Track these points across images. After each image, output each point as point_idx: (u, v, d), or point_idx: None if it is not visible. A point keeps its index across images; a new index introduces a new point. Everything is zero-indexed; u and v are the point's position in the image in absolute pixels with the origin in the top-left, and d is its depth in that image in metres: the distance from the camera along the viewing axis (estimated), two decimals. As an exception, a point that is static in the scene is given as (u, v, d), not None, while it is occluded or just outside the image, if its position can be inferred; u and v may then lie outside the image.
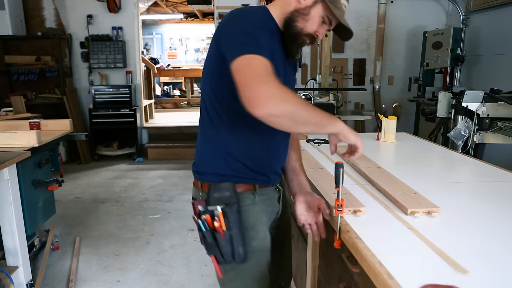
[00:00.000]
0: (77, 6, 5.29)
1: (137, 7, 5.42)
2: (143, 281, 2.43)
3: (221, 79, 1.07)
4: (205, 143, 1.18)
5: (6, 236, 2.06)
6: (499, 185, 1.45)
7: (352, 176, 1.54)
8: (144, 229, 3.18)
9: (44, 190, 2.36)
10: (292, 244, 2.10)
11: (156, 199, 3.90)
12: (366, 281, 0.94)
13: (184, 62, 10.93)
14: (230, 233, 1.11)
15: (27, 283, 2.15)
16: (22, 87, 5.32)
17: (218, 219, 1.09)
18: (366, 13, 5.35)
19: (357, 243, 0.96)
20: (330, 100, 3.81)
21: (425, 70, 4.63)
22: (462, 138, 2.70)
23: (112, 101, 5.30)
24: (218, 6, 5.28)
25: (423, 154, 1.95)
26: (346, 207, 1.16)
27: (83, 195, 4.00)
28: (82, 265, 2.61)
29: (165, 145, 5.58)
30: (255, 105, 0.88)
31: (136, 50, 5.49)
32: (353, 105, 5.59)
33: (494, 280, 0.80)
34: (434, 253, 0.90)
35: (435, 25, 5.14)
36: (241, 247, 1.12)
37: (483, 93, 2.68)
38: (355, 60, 5.50)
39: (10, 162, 1.91)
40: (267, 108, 0.87)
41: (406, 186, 1.34)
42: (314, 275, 1.52)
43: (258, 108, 0.88)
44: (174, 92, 9.91)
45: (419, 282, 0.78)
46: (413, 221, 1.09)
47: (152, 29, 10.92)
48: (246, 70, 0.91)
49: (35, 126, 2.58)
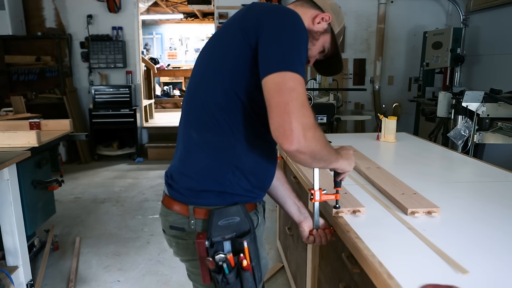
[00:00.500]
0: (77, 6, 5.29)
1: (137, 7, 5.42)
2: (143, 281, 2.43)
3: (246, 77, 0.92)
4: (208, 151, 0.97)
5: (6, 236, 2.06)
6: (499, 185, 1.45)
7: (352, 176, 1.54)
8: (144, 229, 3.18)
9: (44, 190, 2.37)
10: (292, 244, 2.10)
11: (156, 199, 3.90)
12: (366, 281, 0.94)
13: (184, 62, 10.92)
14: (252, 265, 0.96)
15: (27, 283, 2.15)
16: (22, 87, 5.32)
17: (244, 256, 0.93)
18: (366, 13, 5.35)
19: (357, 243, 0.96)
20: (330, 100, 3.81)
21: (425, 70, 4.63)
22: (462, 138, 2.70)
23: (112, 101, 5.29)
24: (218, 6, 5.28)
25: (423, 154, 1.95)
26: (346, 207, 1.16)
27: (83, 195, 4.00)
28: (82, 265, 2.61)
29: (165, 145, 5.58)
30: (287, 136, 0.80)
31: (136, 50, 5.49)
32: (353, 105, 5.59)
33: (494, 280, 0.80)
34: (434, 253, 0.90)
35: (435, 25, 5.14)
36: (260, 277, 1.00)
37: (483, 93, 2.68)
38: (355, 60, 5.50)
39: (10, 162, 1.90)
40: (298, 144, 0.81)
41: (406, 186, 1.34)
42: (314, 275, 1.52)
43: (289, 142, 0.80)
44: (174, 92, 9.91)
45: (419, 282, 0.78)
46: (413, 221, 1.09)
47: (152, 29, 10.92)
48: (291, 95, 0.81)
49: (35, 126, 2.58)
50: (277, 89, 0.82)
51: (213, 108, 0.95)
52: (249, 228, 0.97)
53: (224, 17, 5.29)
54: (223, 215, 0.95)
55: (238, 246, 0.95)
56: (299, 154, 0.84)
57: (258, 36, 0.89)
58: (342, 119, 3.84)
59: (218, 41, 1.01)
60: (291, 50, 0.86)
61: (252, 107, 0.95)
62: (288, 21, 0.90)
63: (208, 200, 0.97)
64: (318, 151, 0.87)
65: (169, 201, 1.03)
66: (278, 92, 0.82)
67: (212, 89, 0.96)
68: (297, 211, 1.19)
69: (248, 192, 1.01)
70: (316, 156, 0.88)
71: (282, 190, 1.20)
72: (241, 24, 0.94)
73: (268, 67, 0.85)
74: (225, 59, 0.95)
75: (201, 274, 0.97)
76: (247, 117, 0.95)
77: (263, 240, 1.11)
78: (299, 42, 0.88)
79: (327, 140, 0.92)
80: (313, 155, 0.87)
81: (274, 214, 3.20)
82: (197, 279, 1.04)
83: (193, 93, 1.02)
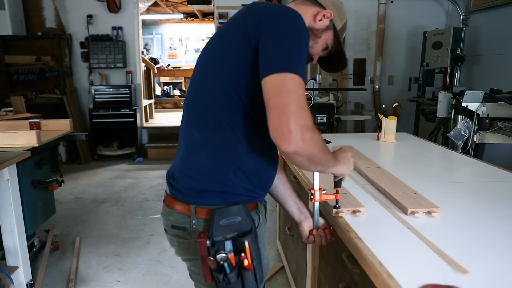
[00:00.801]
0: (77, 6, 5.29)
1: (137, 7, 5.42)
2: (143, 281, 2.43)
3: (247, 77, 0.92)
4: (209, 151, 0.97)
5: (6, 236, 2.06)
6: (499, 185, 1.45)
7: (352, 176, 1.54)
8: (144, 229, 3.18)
9: (44, 190, 2.37)
10: (292, 244, 2.10)
11: (156, 199, 3.90)
12: (366, 281, 0.94)
13: (184, 62, 10.92)
14: (254, 265, 0.96)
15: (27, 283, 2.15)
16: (22, 87, 5.32)
17: (245, 255, 0.93)
18: (366, 13, 5.35)
19: (357, 243, 0.96)
20: (330, 100, 3.81)
21: (425, 70, 4.63)
22: (462, 138, 2.70)
23: (112, 101, 5.29)
24: (218, 6, 5.28)
25: (423, 154, 1.95)
26: (346, 207, 1.16)
27: (83, 195, 4.00)
28: (82, 265, 2.61)
29: (165, 145, 5.58)
30: (285, 138, 0.80)
31: (136, 50, 5.49)
32: (353, 105, 5.59)
33: (494, 280, 0.80)
34: (434, 253, 0.90)
35: (435, 25, 5.14)
36: (261, 277, 1.00)
37: (483, 93, 2.68)
38: (355, 60, 5.50)
39: (10, 162, 1.90)
40: (296, 146, 0.81)
41: (406, 186, 1.34)
42: (314, 275, 1.52)
43: (287, 144, 0.80)
44: (174, 92, 9.91)
45: (419, 282, 0.78)
46: (413, 221, 1.09)
47: (152, 29, 10.91)
48: (290, 96, 0.81)
49: (35, 126, 2.58)
50: (276, 90, 0.82)
51: (214, 108, 0.95)
52: (250, 227, 0.98)
53: (224, 17, 5.29)
54: (225, 215, 0.95)
55: (239, 246, 0.95)
56: (297, 156, 0.84)
57: (259, 36, 0.89)
58: (342, 119, 3.84)
59: (219, 41, 1.01)
60: (291, 51, 0.85)
61: (253, 107, 0.94)
62: (288, 21, 0.90)
63: (210, 200, 0.97)
64: (315, 154, 0.87)
65: (170, 201, 1.04)
66: (277, 93, 0.82)
67: (212, 89, 0.96)
68: (297, 210, 1.19)
69: (250, 192, 1.01)
70: (314, 159, 0.88)
71: (283, 189, 1.20)
72: (241, 24, 0.94)
73: (268, 68, 0.85)
74: (225, 59, 0.95)
75: (203, 273, 0.97)
76: (248, 117, 0.95)
77: (264, 240, 1.11)
78: (299, 42, 0.88)
79: (325, 144, 0.92)
80: (311, 158, 0.87)
81: (274, 214, 3.20)
82: (199, 278, 1.04)
83: (194, 93, 1.02)
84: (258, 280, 0.98)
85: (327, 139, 2.19)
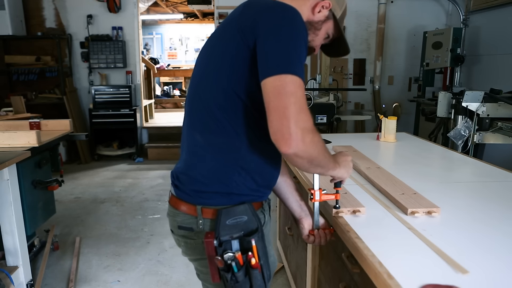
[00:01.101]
0: (77, 6, 5.29)
1: (137, 7, 5.42)
2: (143, 281, 2.43)
3: (246, 78, 0.91)
4: (213, 153, 0.97)
5: (6, 236, 2.06)
6: (499, 185, 1.45)
7: (352, 176, 1.54)
8: (144, 229, 3.18)
9: (44, 190, 2.37)
10: (292, 244, 2.10)
11: (156, 199, 3.90)
12: (366, 281, 0.94)
13: (184, 62, 10.92)
14: (261, 263, 0.96)
15: (27, 283, 2.15)
16: (22, 87, 5.32)
17: (252, 254, 0.94)
18: (366, 13, 5.35)
19: (357, 243, 0.96)
20: (330, 100, 3.80)
21: (425, 70, 4.63)
22: (462, 138, 2.70)
23: (112, 101, 5.29)
24: (218, 6, 5.28)
25: (423, 154, 1.95)
26: (346, 207, 1.16)
27: (83, 195, 4.00)
28: (82, 265, 2.61)
29: (165, 145, 5.58)
30: (286, 140, 0.80)
31: (136, 50, 5.49)
32: (353, 105, 5.59)
33: (494, 280, 0.80)
34: (434, 253, 0.90)
35: (435, 25, 5.14)
36: (268, 275, 1.01)
37: (483, 93, 2.68)
38: (355, 60, 5.50)
39: (10, 162, 1.90)
40: (296, 148, 0.81)
41: (406, 186, 1.34)
42: (314, 275, 1.53)
43: (288, 146, 0.80)
44: (174, 92, 9.91)
45: (419, 282, 0.78)
46: (413, 221, 1.09)
47: (152, 29, 10.91)
48: (290, 99, 0.81)
49: (35, 126, 2.58)
50: (276, 92, 0.82)
51: (214, 108, 0.95)
52: (256, 226, 0.98)
53: (224, 17, 5.27)
54: (231, 215, 0.95)
55: (246, 245, 0.95)
56: (297, 158, 0.84)
57: (256, 36, 0.88)
58: (342, 119, 3.84)
59: (217, 40, 1.01)
60: (289, 51, 0.85)
61: (255, 106, 0.94)
62: (285, 19, 0.88)
63: (215, 200, 0.98)
64: (315, 156, 0.87)
65: (176, 202, 1.04)
66: (277, 95, 0.81)
67: (211, 89, 0.95)
68: (298, 207, 1.20)
69: (255, 192, 1.01)
70: (314, 161, 0.89)
71: (285, 186, 1.20)
72: (238, 23, 0.93)
73: (267, 69, 0.84)
74: (224, 59, 0.94)
75: (210, 273, 0.98)
76: (249, 116, 0.95)
77: (270, 238, 1.11)
78: (298, 41, 0.87)
79: (325, 146, 0.92)
80: (311, 160, 0.87)
81: (274, 214, 3.20)
82: (206, 278, 1.04)
83: (193, 93, 1.02)
84: (266, 279, 0.99)
85: (327, 139, 2.19)
